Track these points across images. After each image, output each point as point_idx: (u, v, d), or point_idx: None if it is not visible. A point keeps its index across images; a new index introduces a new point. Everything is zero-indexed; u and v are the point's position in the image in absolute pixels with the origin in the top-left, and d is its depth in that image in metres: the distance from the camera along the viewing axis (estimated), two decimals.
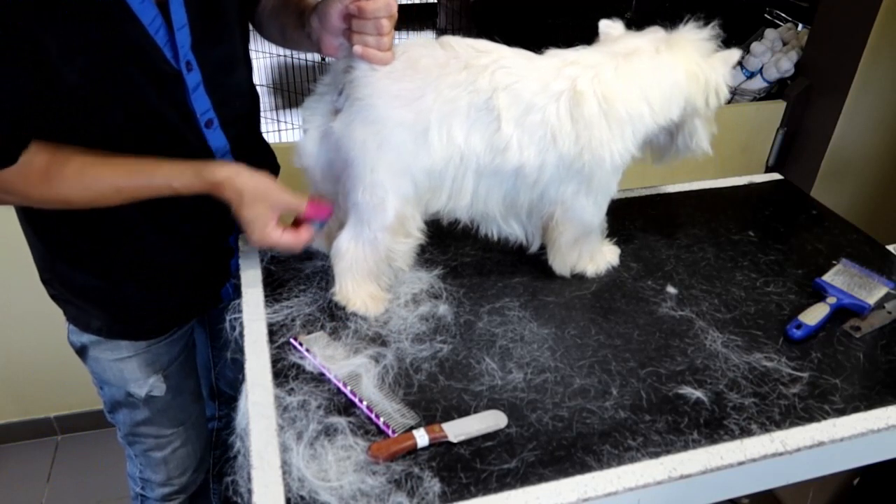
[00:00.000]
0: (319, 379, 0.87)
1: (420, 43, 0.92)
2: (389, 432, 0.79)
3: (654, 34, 0.97)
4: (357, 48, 0.86)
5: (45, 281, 1.07)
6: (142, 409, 1.16)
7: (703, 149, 1.02)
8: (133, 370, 1.11)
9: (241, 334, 0.94)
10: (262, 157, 1.16)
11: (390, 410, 0.82)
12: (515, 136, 0.91)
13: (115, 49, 0.81)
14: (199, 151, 0.96)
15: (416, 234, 0.96)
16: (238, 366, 0.91)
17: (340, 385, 0.85)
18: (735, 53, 0.97)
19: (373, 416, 0.81)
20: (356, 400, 0.83)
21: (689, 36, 0.97)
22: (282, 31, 1.06)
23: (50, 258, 1.02)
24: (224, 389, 1.42)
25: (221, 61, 0.95)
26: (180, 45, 0.86)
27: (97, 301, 1.05)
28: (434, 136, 0.89)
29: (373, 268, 0.96)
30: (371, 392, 0.84)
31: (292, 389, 0.85)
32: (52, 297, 1.09)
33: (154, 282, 1.06)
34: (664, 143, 1.04)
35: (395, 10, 0.86)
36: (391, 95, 0.88)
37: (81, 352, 1.12)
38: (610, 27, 1.01)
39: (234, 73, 0.99)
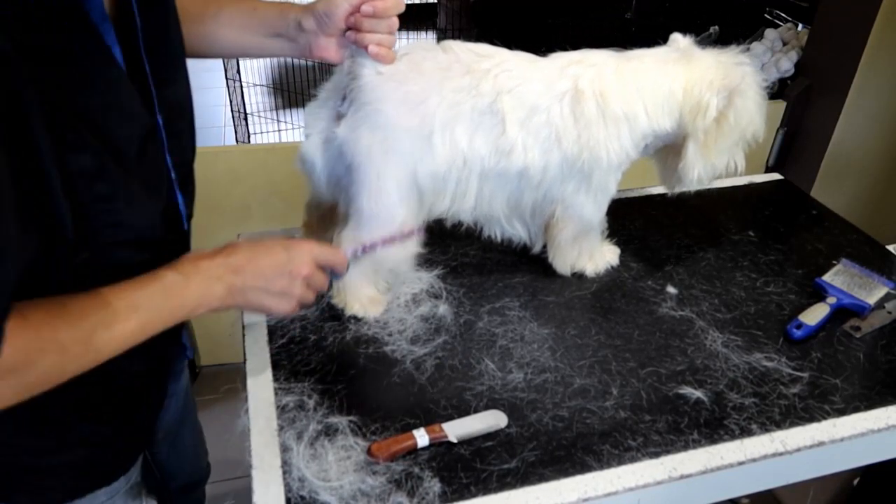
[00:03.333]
0: (319, 379, 0.87)
1: (421, 45, 0.92)
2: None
3: (689, 50, 0.96)
4: (373, 48, 0.85)
5: None
6: None
7: (688, 177, 0.97)
8: None
9: (242, 335, 0.94)
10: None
11: None
12: (520, 138, 0.91)
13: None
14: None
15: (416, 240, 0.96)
16: None
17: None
18: (741, 81, 0.93)
19: None
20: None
21: (717, 57, 0.94)
22: (240, 35, 0.89)
23: None
24: (179, 483, 1.13)
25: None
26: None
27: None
28: (438, 140, 0.89)
29: (370, 273, 0.96)
30: None
31: (292, 389, 0.85)
32: None
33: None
34: (672, 166, 1.02)
35: (403, 6, 0.86)
36: (397, 100, 0.88)
37: None
38: (677, 40, 0.99)
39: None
